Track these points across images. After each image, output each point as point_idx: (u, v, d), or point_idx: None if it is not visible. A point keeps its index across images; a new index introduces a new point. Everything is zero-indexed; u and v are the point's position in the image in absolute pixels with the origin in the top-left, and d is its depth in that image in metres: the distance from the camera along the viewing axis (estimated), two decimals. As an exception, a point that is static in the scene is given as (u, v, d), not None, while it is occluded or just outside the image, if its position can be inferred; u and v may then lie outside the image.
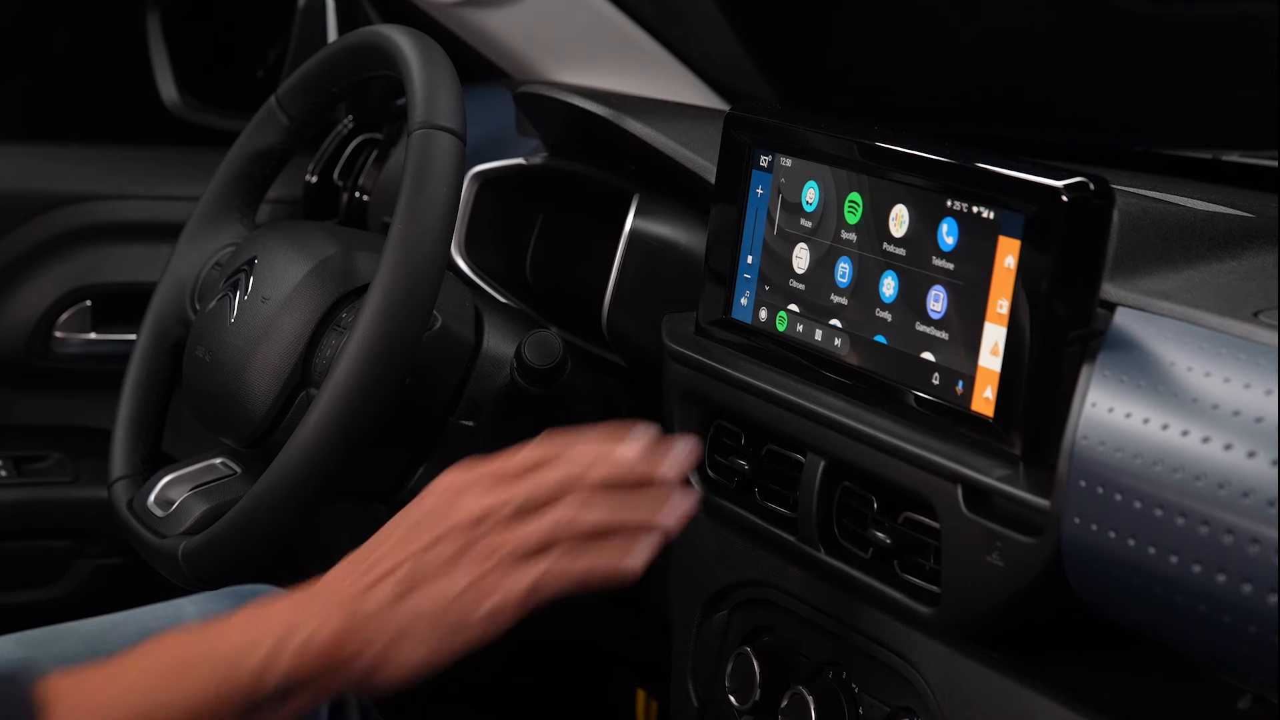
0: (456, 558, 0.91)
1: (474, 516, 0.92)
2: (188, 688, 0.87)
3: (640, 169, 1.29)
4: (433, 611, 0.90)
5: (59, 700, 0.85)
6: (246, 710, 0.88)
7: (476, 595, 0.90)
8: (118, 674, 0.88)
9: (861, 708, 1.04)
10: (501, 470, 0.94)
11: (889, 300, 0.98)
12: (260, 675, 0.87)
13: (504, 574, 0.91)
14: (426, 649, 0.90)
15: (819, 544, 1.02)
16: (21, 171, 1.84)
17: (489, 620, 0.91)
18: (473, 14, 1.66)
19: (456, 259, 1.40)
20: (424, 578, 0.90)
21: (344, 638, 0.89)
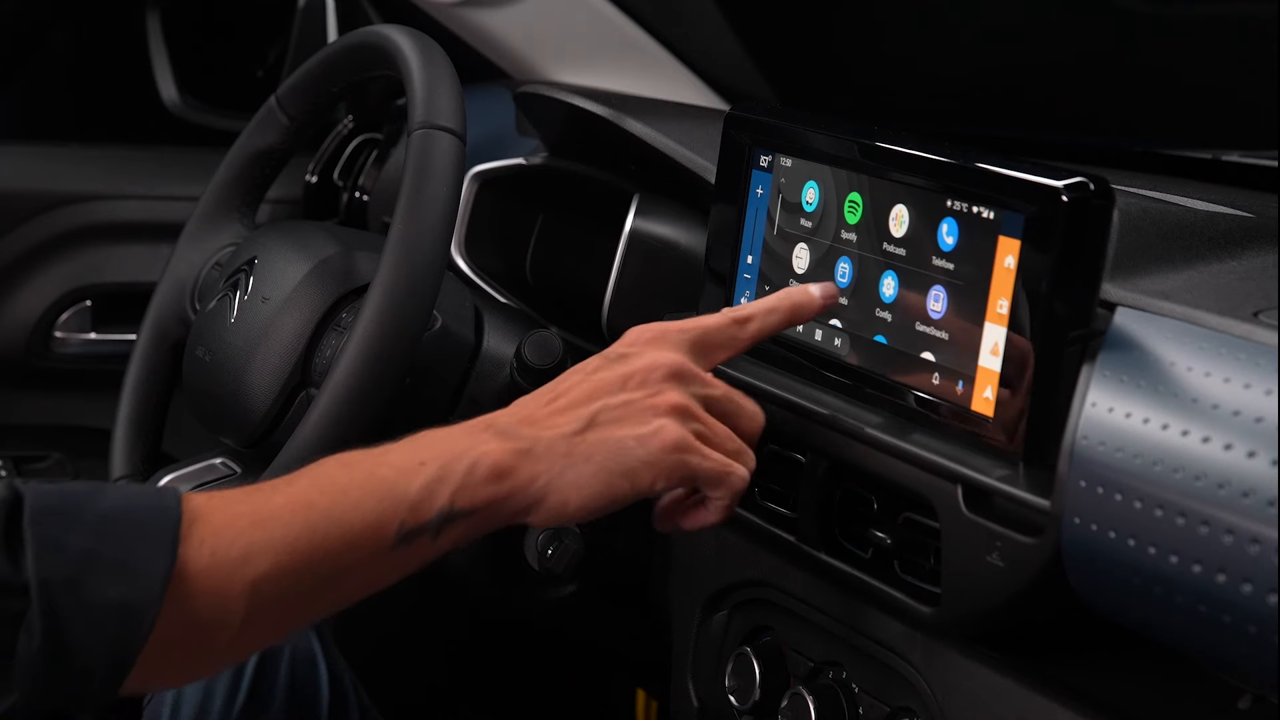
0: (637, 405, 0.90)
1: (666, 369, 0.91)
2: (344, 511, 0.83)
3: (640, 169, 1.29)
4: (606, 452, 0.89)
5: (203, 520, 0.81)
6: (405, 538, 0.84)
7: (643, 440, 0.89)
8: (268, 496, 0.84)
9: (861, 708, 1.04)
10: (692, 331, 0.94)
11: (889, 300, 0.98)
12: (425, 499, 0.85)
13: (669, 425, 0.90)
14: (594, 488, 0.88)
15: (819, 544, 1.02)
16: (21, 171, 1.84)
17: (649, 467, 0.89)
18: (473, 14, 1.66)
19: (456, 259, 1.40)
20: (607, 419, 0.89)
21: (515, 464, 0.87)
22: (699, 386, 0.93)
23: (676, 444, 0.90)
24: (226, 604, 0.81)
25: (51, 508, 0.78)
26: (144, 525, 0.79)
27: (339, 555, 0.83)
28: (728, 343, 0.96)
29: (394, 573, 0.87)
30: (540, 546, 1.20)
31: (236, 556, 0.81)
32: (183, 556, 0.79)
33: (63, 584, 0.76)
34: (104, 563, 0.77)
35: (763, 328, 0.97)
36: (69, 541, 0.77)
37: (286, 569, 0.82)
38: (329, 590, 0.85)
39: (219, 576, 0.80)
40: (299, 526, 0.82)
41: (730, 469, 0.92)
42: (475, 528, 0.87)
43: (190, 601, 0.80)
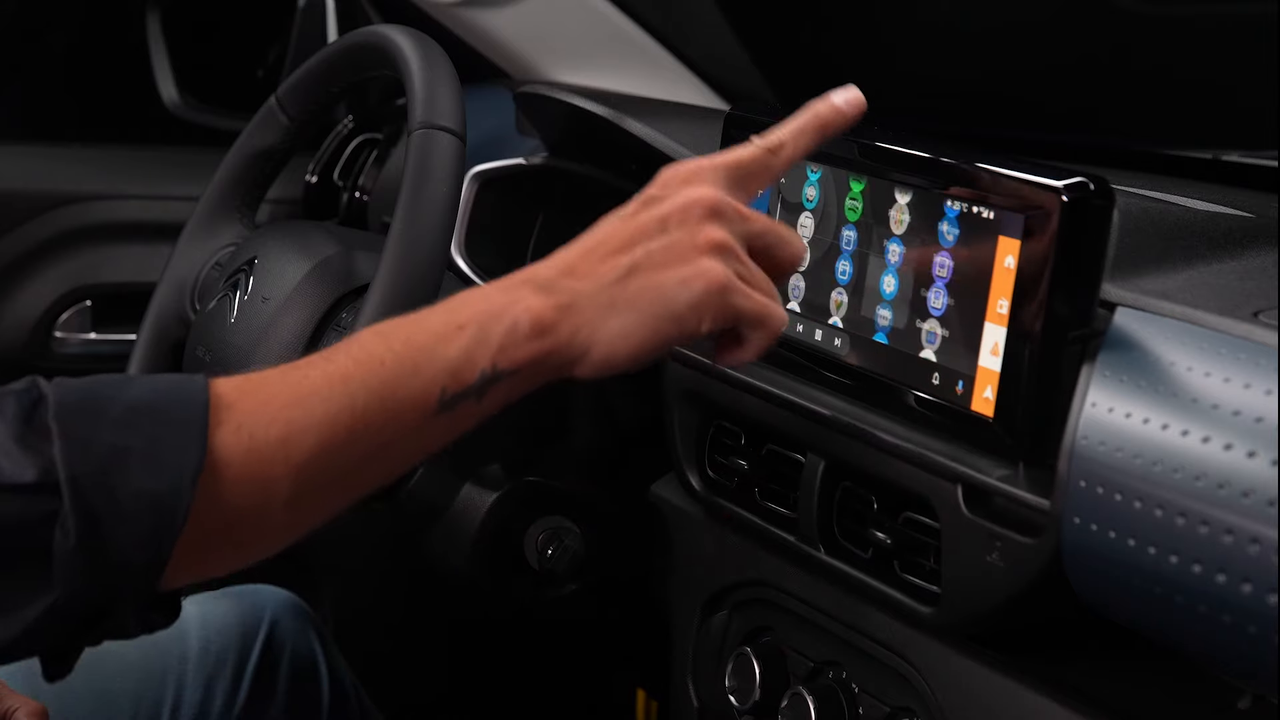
0: (679, 245, 0.87)
1: (706, 206, 0.88)
2: (383, 382, 0.81)
3: (640, 169, 1.29)
4: (651, 298, 0.85)
5: (238, 405, 0.79)
6: (448, 404, 0.82)
7: (688, 282, 0.86)
8: (304, 373, 0.81)
9: (861, 708, 1.04)
10: (727, 165, 0.91)
11: (889, 300, 0.98)
12: (465, 363, 0.82)
13: (714, 265, 0.87)
14: (640, 335, 0.85)
15: (819, 544, 1.02)
16: (21, 171, 1.84)
17: (695, 310, 0.86)
18: (473, 14, 1.66)
19: (456, 259, 1.40)
20: (649, 263, 0.86)
21: (557, 318, 0.84)
22: (739, 221, 0.89)
23: (722, 284, 0.86)
24: (269, 487, 0.79)
25: (77, 403, 0.77)
26: (171, 414, 0.77)
27: (382, 426, 0.81)
28: (762, 171, 0.92)
29: (441, 438, 0.84)
30: (540, 546, 1.20)
31: (276, 438, 0.79)
32: (219, 443, 0.77)
33: (92, 479, 0.75)
34: (133, 455, 0.76)
35: (796, 150, 0.93)
36: (96, 436, 0.76)
37: (329, 446, 0.80)
38: (375, 462, 0.83)
39: (259, 459, 0.78)
40: (338, 401, 0.80)
41: (771, 309, 0.89)
42: (520, 386, 0.85)
43: (230, 486, 0.78)
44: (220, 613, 1.30)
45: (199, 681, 1.25)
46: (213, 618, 1.29)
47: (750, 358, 0.90)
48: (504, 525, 1.20)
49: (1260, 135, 1.36)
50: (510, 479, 1.20)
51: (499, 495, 1.20)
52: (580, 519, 1.22)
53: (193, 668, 1.26)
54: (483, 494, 1.20)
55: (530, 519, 1.21)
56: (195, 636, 1.27)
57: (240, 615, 1.30)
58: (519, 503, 1.20)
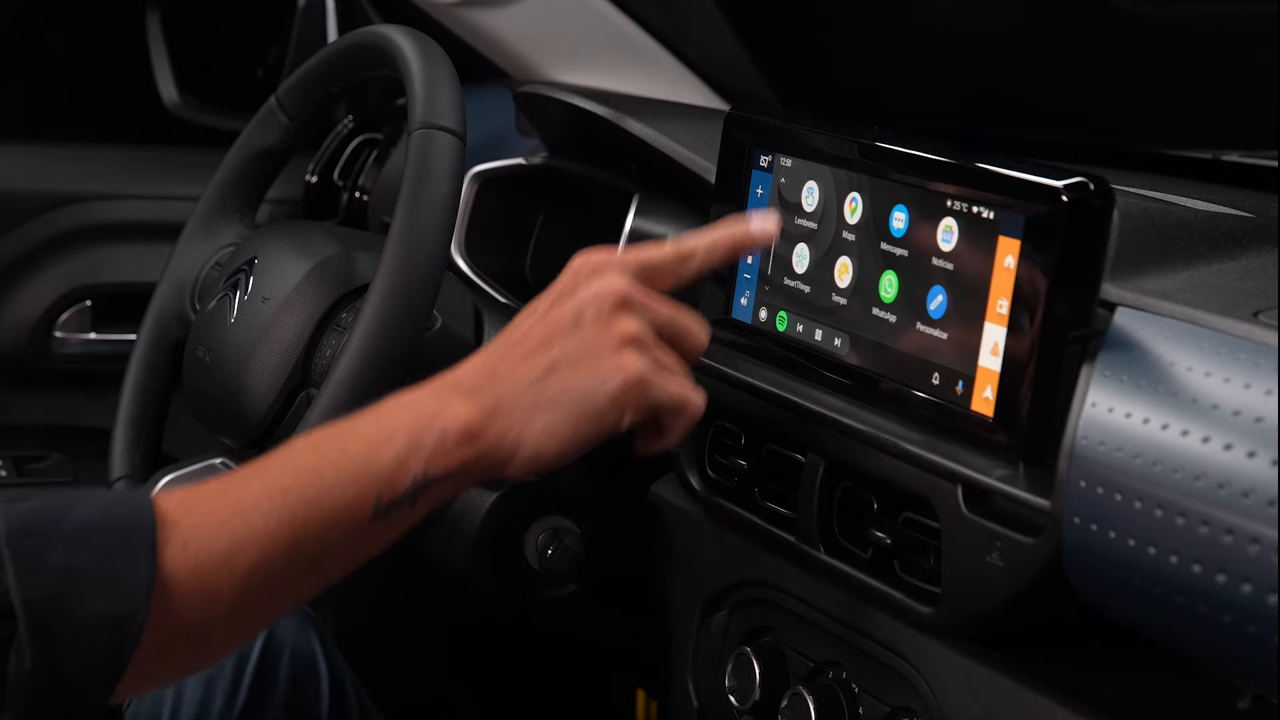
0: (594, 340, 0.89)
1: (615, 299, 0.91)
2: (320, 493, 0.83)
3: (640, 169, 1.29)
4: (572, 397, 0.88)
5: (181, 521, 0.81)
6: (382, 511, 0.84)
7: (605, 379, 0.89)
8: (243, 486, 0.83)
9: (861, 708, 1.04)
10: (636, 260, 0.93)
11: (889, 300, 0.98)
12: (398, 471, 0.85)
13: (629, 360, 0.89)
14: (564, 434, 0.88)
15: (819, 544, 1.02)
16: (21, 171, 1.84)
17: (615, 405, 0.89)
18: (473, 14, 1.66)
19: (456, 259, 1.40)
20: (566, 360, 0.89)
21: (485, 423, 0.87)
22: (649, 311, 0.92)
23: (639, 379, 0.89)
24: (214, 600, 0.81)
25: (27, 526, 0.78)
26: (121, 533, 0.80)
27: (320, 536, 0.83)
28: (669, 275, 0.95)
29: (377, 545, 0.87)
30: (540, 546, 1.20)
31: (220, 553, 0.81)
32: (166, 560, 0.80)
33: (47, 601, 0.76)
34: (86, 576, 0.78)
35: (706, 261, 0.96)
36: (48, 558, 0.77)
37: (271, 558, 0.82)
38: (314, 571, 0.86)
39: (205, 575, 0.81)
40: (278, 515, 0.82)
41: (688, 396, 0.92)
42: (451, 489, 0.88)
43: (178, 603, 0.80)
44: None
45: (199, 681, 1.25)
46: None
47: (671, 445, 0.94)
48: (504, 525, 1.20)
49: (1260, 135, 1.36)
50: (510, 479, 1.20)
51: (499, 495, 1.20)
52: (580, 519, 1.22)
53: (193, 668, 1.26)
54: (483, 494, 1.20)
55: (530, 519, 1.21)
56: (195, 636, 1.27)
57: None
58: (519, 503, 1.20)
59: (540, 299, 0.93)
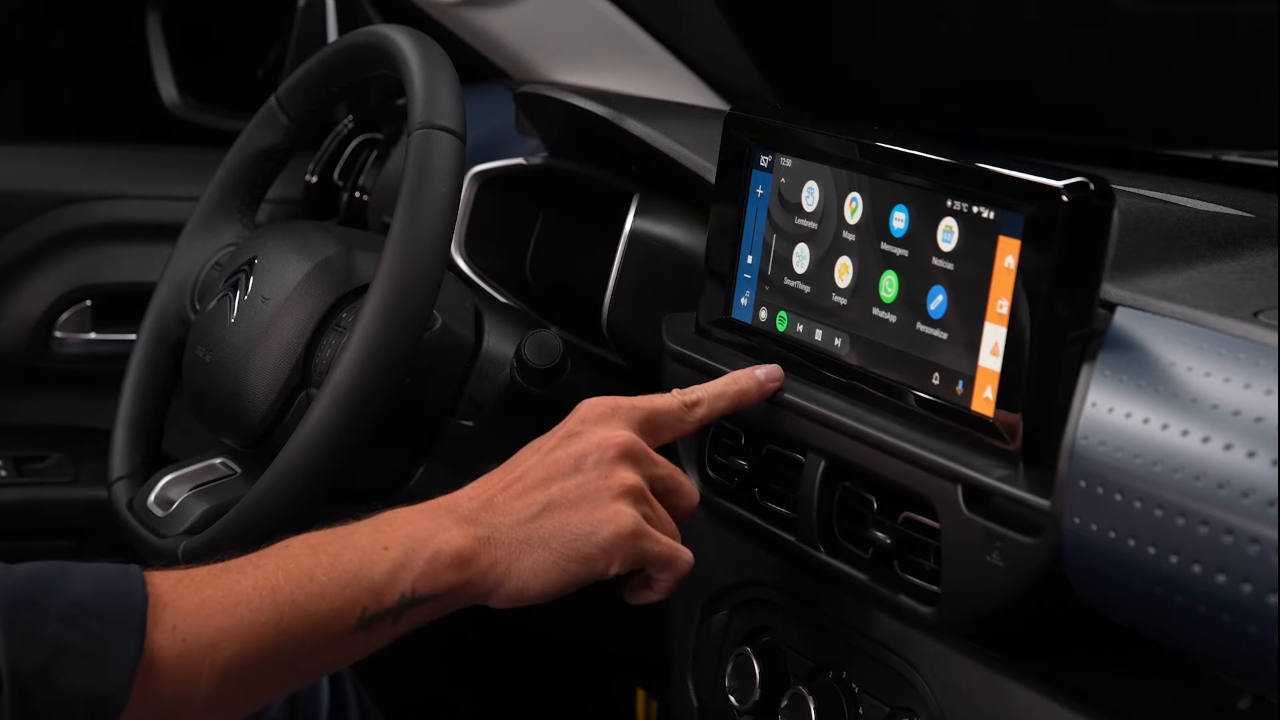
0: (592, 486, 0.92)
1: (618, 449, 0.93)
2: (309, 597, 0.85)
3: (640, 169, 1.29)
4: (564, 539, 0.91)
5: (173, 605, 0.83)
6: (366, 623, 0.86)
7: (599, 525, 0.91)
8: (235, 579, 0.85)
9: (861, 708, 1.04)
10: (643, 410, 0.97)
11: (889, 300, 0.98)
12: (388, 585, 0.87)
13: (625, 510, 0.92)
14: (551, 574, 0.90)
15: (819, 544, 1.02)
16: (21, 171, 1.84)
17: (605, 552, 0.91)
18: (473, 14, 1.66)
19: (456, 259, 1.40)
20: (563, 502, 0.91)
21: (476, 550, 0.89)
22: (648, 464, 0.95)
23: (632, 530, 0.92)
24: (194, 686, 0.83)
25: (22, 596, 0.80)
26: (112, 613, 0.81)
27: (303, 639, 0.86)
28: (676, 424, 0.99)
29: (354, 654, 0.89)
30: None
31: (206, 642, 0.83)
32: (153, 642, 0.81)
33: (34, 673, 0.78)
34: (74, 651, 0.79)
35: (710, 411, 1.00)
36: (40, 631, 0.79)
37: (253, 653, 0.84)
38: (291, 671, 0.88)
39: (188, 661, 0.83)
40: (266, 612, 0.84)
41: (678, 552, 0.95)
42: (435, 611, 0.90)
43: (159, 685, 0.82)
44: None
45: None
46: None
47: (658, 598, 0.97)
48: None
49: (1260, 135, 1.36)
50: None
51: (499, 495, 1.20)
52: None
53: (193, 668, 1.25)
54: (483, 494, 1.20)
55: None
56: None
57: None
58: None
59: (546, 438, 0.96)
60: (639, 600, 0.97)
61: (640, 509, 0.93)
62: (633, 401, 0.97)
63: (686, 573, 0.96)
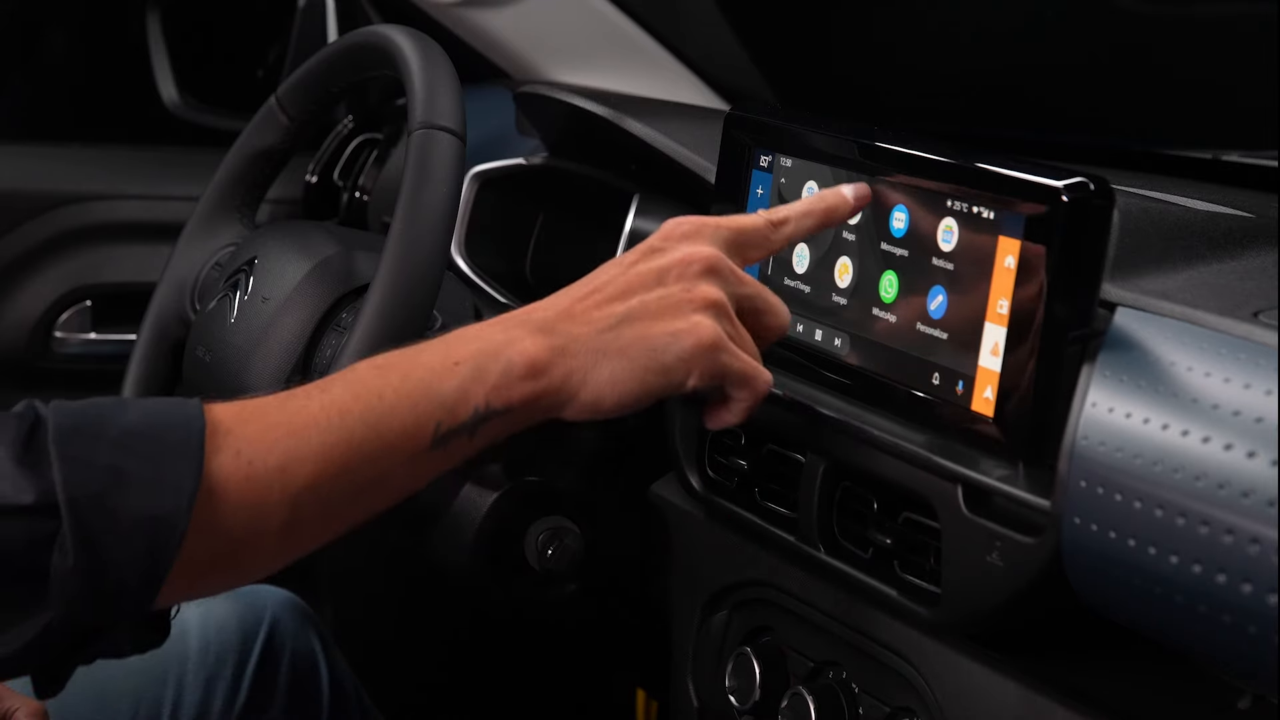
0: (674, 299, 0.89)
1: (704, 263, 0.91)
2: (380, 416, 0.83)
3: (640, 169, 1.29)
4: (642, 348, 0.88)
5: (236, 431, 0.80)
6: (441, 439, 0.84)
7: (679, 336, 0.89)
8: (302, 403, 0.83)
9: (861, 708, 1.04)
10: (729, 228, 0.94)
11: (889, 300, 0.98)
12: (460, 399, 0.84)
13: (706, 323, 0.89)
14: (628, 384, 0.88)
15: (819, 544, 1.02)
16: (21, 171, 1.84)
17: (684, 364, 0.89)
18: (473, 14, 1.66)
19: (456, 259, 1.40)
20: (643, 314, 0.89)
21: (550, 360, 0.86)
22: (733, 283, 0.92)
23: (712, 342, 0.89)
24: (264, 513, 0.80)
25: (75, 426, 0.78)
26: (168, 439, 0.79)
27: (377, 460, 0.83)
28: (762, 242, 0.95)
29: (431, 472, 0.86)
30: (540, 546, 1.20)
31: (274, 466, 0.80)
32: (217, 468, 0.79)
33: (90, 501, 0.76)
34: (131, 478, 0.77)
35: (798, 230, 0.96)
36: (95, 459, 0.77)
37: (325, 476, 0.81)
38: (367, 495, 0.85)
39: (256, 487, 0.80)
40: (336, 434, 0.81)
41: (758, 370, 0.92)
42: (511, 424, 0.87)
43: (225, 511, 0.79)
44: (220, 613, 1.30)
45: (199, 681, 1.25)
46: (213, 618, 1.29)
47: (735, 420, 0.93)
48: (504, 525, 1.20)
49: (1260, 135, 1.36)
50: (510, 479, 1.20)
51: (499, 495, 1.20)
52: (580, 519, 1.22)
53: (193, 667, 1.26)
54: (483, 494, 1.20)
55: (530, 519, 1.21)
56: (195, 636, 1.27)
57: (240, 615, 1.30)
58: (519, 503, 1.20)
59: (628, 253, 0.93)
60: (717, 422, 0.94)
61: (722, 324, 0.90)
62: (719, 220, 0.94)
63: (765, 393, 0.92)
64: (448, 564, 1.22)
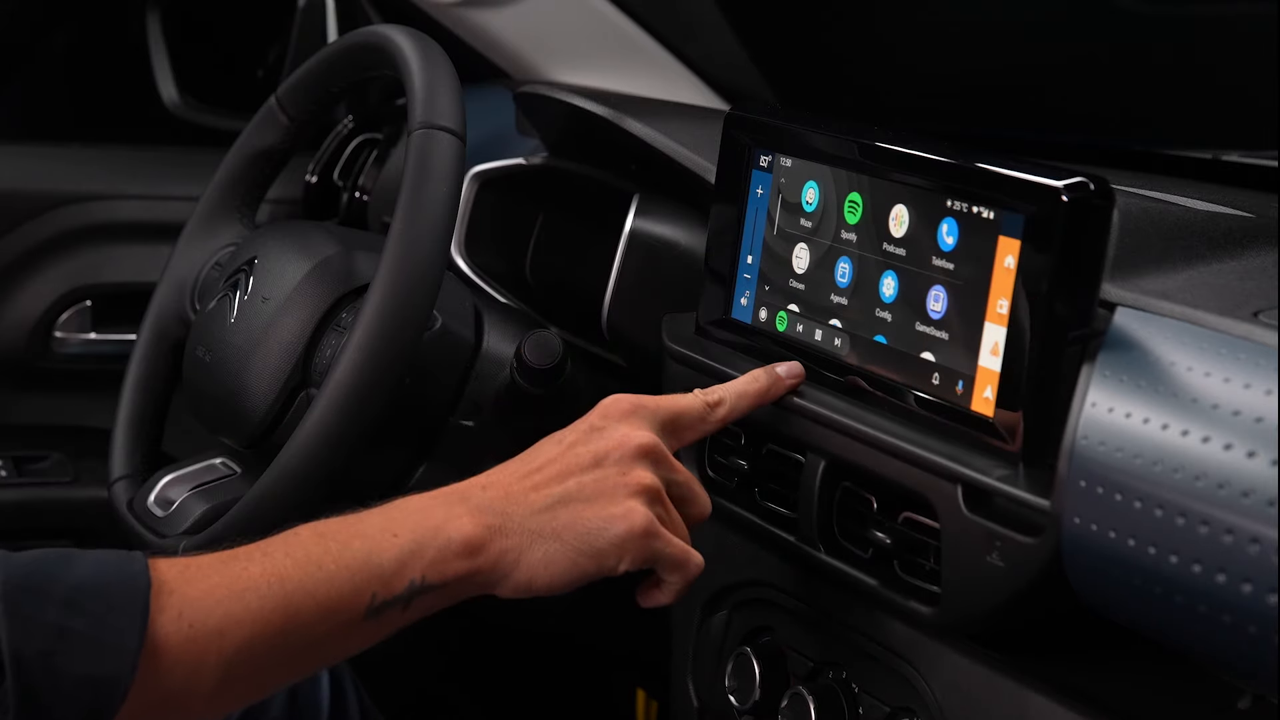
0: (609, 483, 0.92)
1: (639, 448, 0.93)
2: (318, 584, 0.85)
3: (640, 169, 1.29)
4: (576, 532, 0.91)
5: (179, 591, 0.82)
6: (376, 610, 0.86)
7: (612, 521, 0.91)
8: (244, 566, 0.85)
9: (861, 708, 1.04)
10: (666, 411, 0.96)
11: (889, 300, 0.98)
12: (397, 572, 0.86)
13: (639, 509, 0.92)
14: (561, 566, 0.90)
15: (819, 544, 1.02)
16: (21, 171, 1.84)
17: (616, 549, 0.91)
18: (473, 14, 1.66)
19: (456, 259, 1.40)
20: (578, 496, 0.91)
21: (487, 539, 0.89)
22: (666, 468, 0.95)
23: (644, 529, 0.92)
24: (200, 674, 0.82)
25: (23, 582, 0.80)
26: (114, 598, 0.81)
27: (312, 627, 0.85)
28: (698, 424, 0.99)
29: (364, 642, 0.89)
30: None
31: (213, 628, 0.82)
32: (159, 627, 0.81)
33: (36, 658, 0.78)
34: (76, 637, 0.79)
35: (732, 410, 1.00)
36: (42, 616, 0.79)
37: (261, 640, 0.84)
38: (300, 659, 0.88)
39: (195, 648, 0.82)
40: (274, 599, 0.84)
41: (689, 555, 0.95)
42: (445, 599, 0.90)
43: (164, 671, 0.81)
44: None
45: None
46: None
47: (667, 600, 0.96)
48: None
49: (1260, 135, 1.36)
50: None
51: (499, 495, 1.20)
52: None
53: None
54: (483, 494, 1.20)
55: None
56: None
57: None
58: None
59: (566, 431, 0.96)
60: (649, 602, 0.97)
61: (655, 509, 0.93)
62: (657, 401, 0.97)
63: (696, 576, 0.96)
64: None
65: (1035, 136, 1.58)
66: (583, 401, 1.25)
